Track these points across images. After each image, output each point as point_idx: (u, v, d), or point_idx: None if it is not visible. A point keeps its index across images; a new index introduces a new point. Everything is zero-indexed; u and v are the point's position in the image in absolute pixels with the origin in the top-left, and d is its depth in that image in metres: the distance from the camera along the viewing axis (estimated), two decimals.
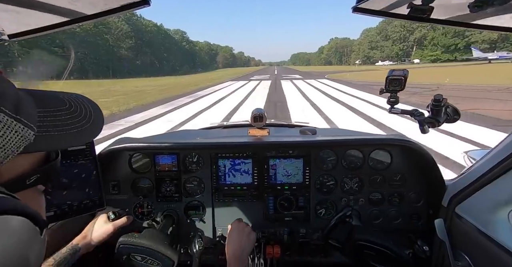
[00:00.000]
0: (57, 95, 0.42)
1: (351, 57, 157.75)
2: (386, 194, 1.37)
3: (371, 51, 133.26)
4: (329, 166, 1.37)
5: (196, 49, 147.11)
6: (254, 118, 1.57)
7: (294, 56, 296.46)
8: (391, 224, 1.38)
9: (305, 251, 1.39)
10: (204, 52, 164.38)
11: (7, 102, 0.30)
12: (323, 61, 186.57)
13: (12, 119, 0.30)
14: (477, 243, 0.99)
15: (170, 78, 48.24)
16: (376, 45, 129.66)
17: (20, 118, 0.31)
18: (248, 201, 1.40)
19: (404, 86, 0.90)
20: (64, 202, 0.81)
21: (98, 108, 0.46)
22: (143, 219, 1.40)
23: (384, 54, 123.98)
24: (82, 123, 0.40)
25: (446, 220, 1.16)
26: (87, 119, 0.41)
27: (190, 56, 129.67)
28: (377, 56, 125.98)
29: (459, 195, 1.11)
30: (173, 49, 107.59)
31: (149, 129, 8.15)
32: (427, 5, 0.61)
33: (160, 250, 1.04)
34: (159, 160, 1.38)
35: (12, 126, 0.30)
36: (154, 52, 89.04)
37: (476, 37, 73.45)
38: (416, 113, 0.93)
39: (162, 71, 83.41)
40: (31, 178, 0.37)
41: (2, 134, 0.29)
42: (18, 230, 0.28)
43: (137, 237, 1.06)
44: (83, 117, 0.41)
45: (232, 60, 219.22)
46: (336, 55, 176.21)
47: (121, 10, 0.71)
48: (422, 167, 1.31)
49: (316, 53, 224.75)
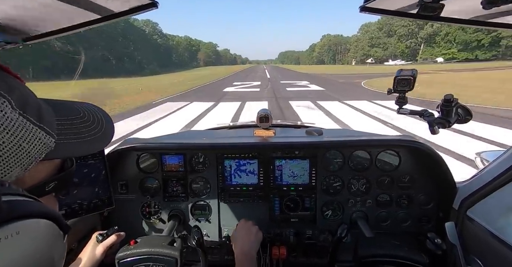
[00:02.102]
0: (71, 104, 0.44)
1: (346, 56, 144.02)
2: (395, 196, 1.34)
3: (372, 48, 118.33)
4: (335, 167, 1.36)
5: (171, 44, 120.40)
6: (260, 119, 1.57)
7: (282, 55, 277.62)
8: (399, 226, 1.35)
9: (312, 253, 1.38)
10: (183, 47, 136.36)
11: (32, 110, 0.32)
12: (315, 59, 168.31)
13: (36, 127, 0.32)
14: (490, 247, 0.95)
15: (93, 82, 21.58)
16: (377, 42, 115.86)
17: (43, 126, 0.33)
18: (253, 201, 1.40)
19: (413, 86, 0.89)
20: (74, 201, 0.83)
21: (109, 117, 0.48)
22: (150, 219, 1.42)
23: (387, 52, 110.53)
24: (95, 131, 0.42)
25: (457, 223, 1.13)
26: (100, 127, 0.43)
27: (163, 52, 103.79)
28: (379, 55, 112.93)
29: (471, 197, 1.07)
30: (139, 43, 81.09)
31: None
32: (438, 2, 0.59)
33: (159, 253, 1.02)
34: (166, 160, 1.39)
35: (37, 133, 0.32)
36: (111, 46, 63.15)
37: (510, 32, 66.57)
38: (426, 113, 0.91)
39: (121, 70, 56.01)
40: (50, 184, 0.38)
41: (28, 141, 0.30)
42: (46, 233, 0.29)
43: (133, 248, 1.04)
44: (95, 126, 0.42)
45: (216, 57, 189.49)
46: (329, 53, 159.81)
47: (129, 13, 0.72)
48: (432, 168, 1.28)
49: (307, 51, 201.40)
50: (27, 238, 0.25)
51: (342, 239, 1.08)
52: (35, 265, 0.27)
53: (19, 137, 0.30)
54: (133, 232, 1.41)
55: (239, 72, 49.39)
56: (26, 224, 0.26)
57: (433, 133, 0.90)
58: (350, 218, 1.36)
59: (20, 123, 0.30)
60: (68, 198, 0.81)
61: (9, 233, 0.24)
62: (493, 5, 0.52)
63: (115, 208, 0.99)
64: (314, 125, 2.08)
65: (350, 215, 1.36)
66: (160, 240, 1.08)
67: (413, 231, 1.33)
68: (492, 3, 0.52)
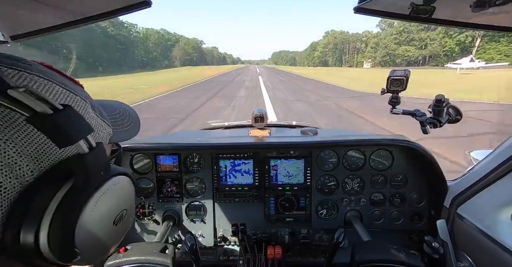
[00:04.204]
0: (110, 103, 0.56)
1: (356, 56, 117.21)
2: (388, 194, 1.36)
3: (400, 47, 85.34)
4: (330, 166, 1.37)
5: (132, 37, 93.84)
6: (255, 119, 1.57)
7: (276, 55, 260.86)
8: (392, 225, 1.37)
9: (307, 252, 1.39)
10: (154, 43, 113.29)
11: (95, 109, 0.43)
12: (316, 60, 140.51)
13: (101, 121, 0.44)
14: (479, 244, 0.98)
15: None
16: (410, 37, 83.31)
17: (104, 120, 0.45)
18: (249, 201, 1.40)
19: (406, 87, 0.90)
20: None
21: (135, 112, 0.60)
22: (144, 220, 1.40)
23: (426, 51, 77.94)
24: (128, 123, 0.54)
25: (448, 221, 1.15)
26: (131, 121, 0.56)
27: (114, 47, 76.38)
28: (412, 54, 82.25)
29: (461, 195, 1.10)
30: (71, 35, 45.99)
31: None
32: (429, 5, 0.61)
33: (150, 261, 0.98)
34: (161, 160, 1.38)
35: (104, 125, 0.44)
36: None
37: None
38: (418, 113, 0.93)
39: None
40: (111, 160, 0.52)
41: (98, 128, 0.43)
42: (129, 185, 0.43)
43: (123, 256, 1.00)
44: (128, 119, 0.55)
45: (199, 55, 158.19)
46: (335, 53, 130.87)
47: (122, 12, 0.71)
48: (424, 167, 1.30)
49: (306, 50, 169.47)
50: (120, 187, 0.40)
51: (339, 244, 1.06)
52: (131, 209, 0.44)
53: (98, 126, 0.43)
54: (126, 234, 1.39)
55: (213, 80, 27.27)
56: (120, 178, 0.40)
57: (424, 133, 0.92)
58: (345, 217, 1.37)
59: (96, 119, 0.42)
60: None
61: (113, 183, 0.38)
62: (481, 8, 0.53)
63: None
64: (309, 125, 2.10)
65: (344, 214, 1.38)
66: (151, 247, 1.03)
67: (406, 229, 1.36)
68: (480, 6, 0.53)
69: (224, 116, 8.84)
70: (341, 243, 1.06)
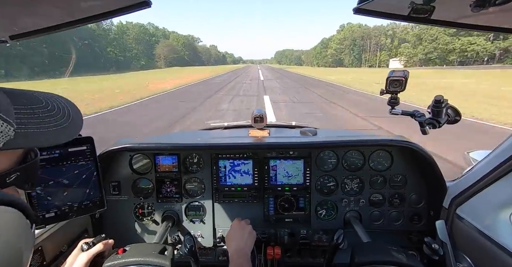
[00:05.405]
0: (32, 93, 0.41)
1: (378, 53, 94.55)
2: (387, 195, 1.36)
3: (459, 39, 58.56)
4: (329, 167, 1.37)
5: (101, 30, 75.99)
6: (254, 119, 1.57)
7: (279, 54, 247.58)
8: (392, 225, 1.37)
9: (306, 253, 1.39)
10: (134, 39, 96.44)
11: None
12: (329, 59, 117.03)
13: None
14: (478, 245, 0.98)
15: None
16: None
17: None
18: (248, 202, 1.40)
19: (405, 87, 0.90)
20: (64, 203, 0.81)
21: (76, 108, 0.45)
22: (143, 220, 1.40)
23: (506, 43, 48.54)
24: (61, 121, 0.40)
25: (447, 222, 1.15)
26: (66, 118, 0.41)
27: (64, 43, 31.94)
28: (480, 48, 55.53)
29: (460, 196, 1.10)
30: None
31: None
32: (428, 4, 0.61)
33: (149, 262, 0.97)
34: (160, 160, 1.37)
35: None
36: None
37: None
38: (417, 114, 0.93)
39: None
40: (11, 176, 0.36)
41: None
42: (12, 221, 0.28)
43: (121, 257, 0.98)
44: (61, 116, 0.41)
45: (192, 54, 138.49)
46: (352, 50, 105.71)
47: (122, 12, 0.70)
48: (423, 168, 1.30)
49: (316, 48, 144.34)
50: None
51: (339, 246, 1.05)
52: (4, 254, 0.26)
53: None
54: (125, 234, 1.39)
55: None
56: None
57: (424, 133, 0.92)
58: (344, 217, 1.37)
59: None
60: (58, 200, 0.80)
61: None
62: (481, 8, 0.53)
63: (107, 210, 0.97)
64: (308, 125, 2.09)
65: (344, 215, 1.37)
66: (150, 248, 1.02)
67: (405, 229, 1.36)
68: (480, 6, 0.53)
69: None
70: (340, 244, 1.05)
